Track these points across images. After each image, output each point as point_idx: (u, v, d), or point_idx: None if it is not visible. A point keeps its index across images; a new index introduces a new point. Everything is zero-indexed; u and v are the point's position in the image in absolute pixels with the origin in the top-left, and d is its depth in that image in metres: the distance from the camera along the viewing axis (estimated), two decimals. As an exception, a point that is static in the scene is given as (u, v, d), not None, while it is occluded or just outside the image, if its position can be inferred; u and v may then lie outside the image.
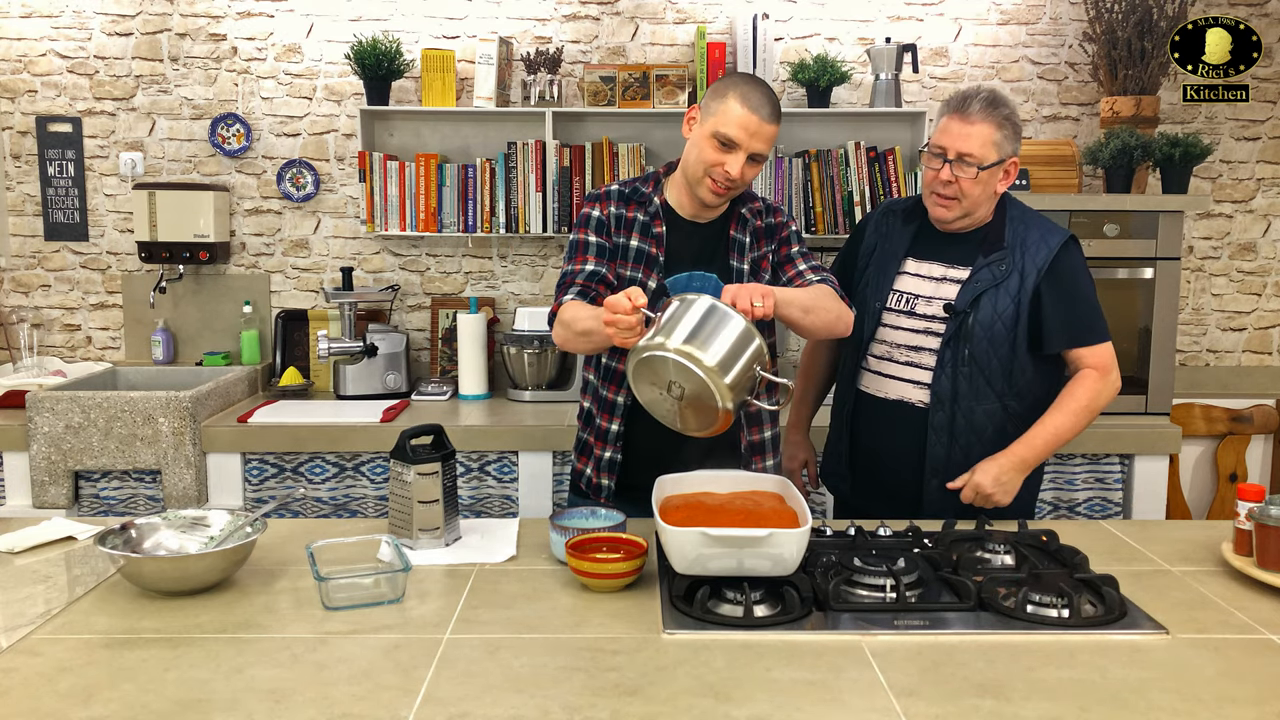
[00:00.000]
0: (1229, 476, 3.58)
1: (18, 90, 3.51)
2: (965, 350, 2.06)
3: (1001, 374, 2.08)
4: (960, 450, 2.09)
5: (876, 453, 2.19)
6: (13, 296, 3.60)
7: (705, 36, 3.36)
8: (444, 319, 3.57)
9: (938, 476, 2.10)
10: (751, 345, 1.66)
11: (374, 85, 3.35)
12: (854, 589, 1.61)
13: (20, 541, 1.83)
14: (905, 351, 2.14)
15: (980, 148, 2.01)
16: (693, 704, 1.26)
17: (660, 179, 2.14)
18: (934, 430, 2.09)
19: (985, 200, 2.08)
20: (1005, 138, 2.03)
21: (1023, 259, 2.08)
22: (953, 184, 2.03)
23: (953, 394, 2.08)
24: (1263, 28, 3.45)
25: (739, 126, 1.94)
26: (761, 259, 2.12)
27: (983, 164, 2.01)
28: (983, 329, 2.06)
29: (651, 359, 1.65)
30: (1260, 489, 1.71)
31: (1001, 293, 2.07)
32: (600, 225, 2.09)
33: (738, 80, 1.98)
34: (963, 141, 2.01)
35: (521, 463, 2.96)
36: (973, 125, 2.01)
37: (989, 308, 2.06)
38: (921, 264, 2.15)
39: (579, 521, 1.82)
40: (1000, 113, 2.03)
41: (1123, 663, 1.39)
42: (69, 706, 1.25)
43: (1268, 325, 3.66)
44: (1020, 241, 2.09)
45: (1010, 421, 2.10)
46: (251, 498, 2.98)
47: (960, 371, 2.07)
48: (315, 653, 1.40)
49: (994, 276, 2.07)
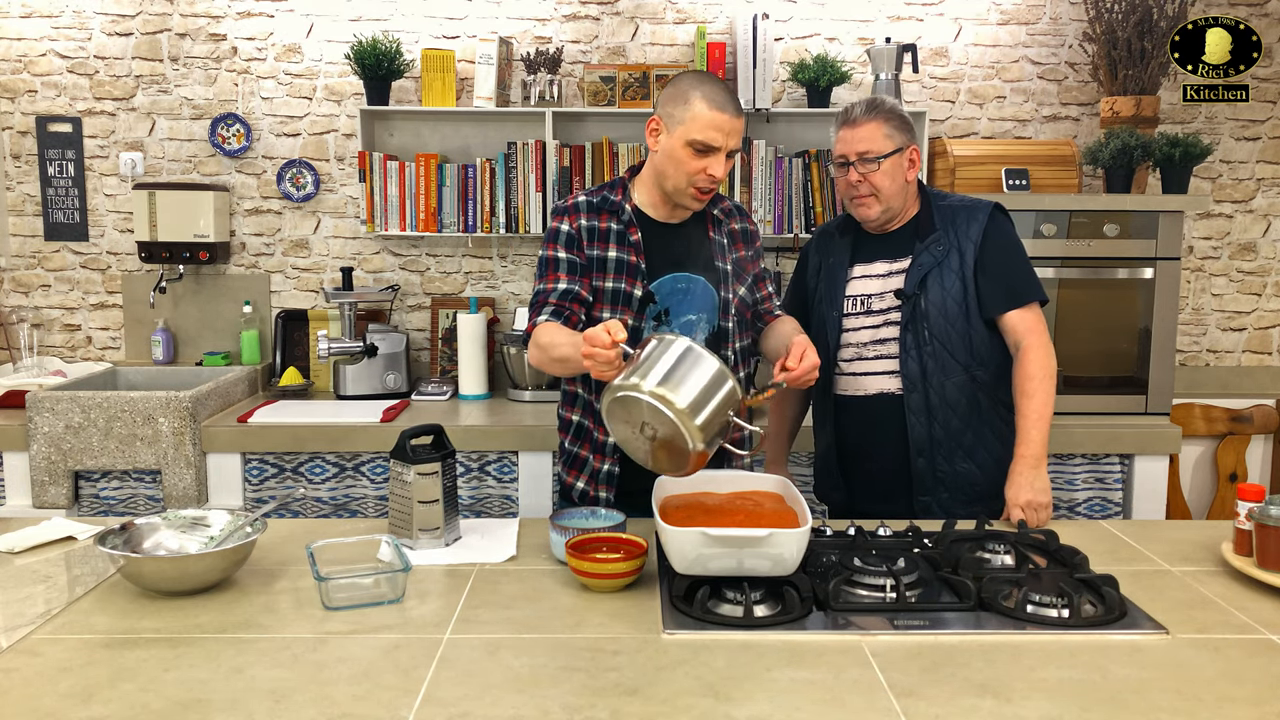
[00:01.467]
0: (1229, 476, 3.58)
1: (18, 90, 3.51)
2: (925, 330, 2.15)
3: (963, 347, 2.16)
4: (940, 426, 2.16)
5: (865, 449, 2.25)
6: (13, 296, 3.60)
7: (705, 36, 3.36)
8: (444, 319, 3.57)
9: (923, 456, 2.17)
10: (724, 388, 1.65)
11: (374, 85, 3.35)
12: (854, 589, 1.61)
13: (20, 541, 1.83)
14: (872, 347, 2.21)
15: (873, 143, 2.13)
16: (693, 704, 1.26)
17: (627, 184, 2.12)
18: (912, 412, 2.17)
19: (899, 190, 2.18)
20: (895, 129, 2.15)
21: (957, 236, 2.18)
22: (863, 182, 2.15)
23: (921, 373, 2.16)
24: (1263, 28, 3.45)
25: (713, 128, 1.93)
26: (745, 261, 2.13)
27: (881, 155, 2.13)
28: (935, 308, 2.15)
29: (626, 399, 1.65)
30: (1260, 489, 1.71)
31: (945, 271, 2.16)
32: (570, 240, 2.06)
33: (695, 82, 1.96)
34: (856, 144, 2.15)
35: (521, 463, 2.96)
36: (860, 128, 2.15)
37: (936, 287, 2.16)
38: (866, 266, 2.24)
39: (579, 521, 1.82)
40: (882, 110, 2.15)
41: (1123, 663, 1.39)
42: (69, 706, 1.25)
43: (1268, 325, 3.66)
44: (950, 221, 2.20)
45: (980, 390, 2.18)
46: (251, 498, 2.98)
47: (925, 351, 2.15)
48: (315, 653, 1.40)
49: (935, 258, 2.17)
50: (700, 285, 2.06)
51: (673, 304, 2.05)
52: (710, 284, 2.07)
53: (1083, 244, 3.08)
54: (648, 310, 2.04)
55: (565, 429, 2.18)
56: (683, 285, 2.05)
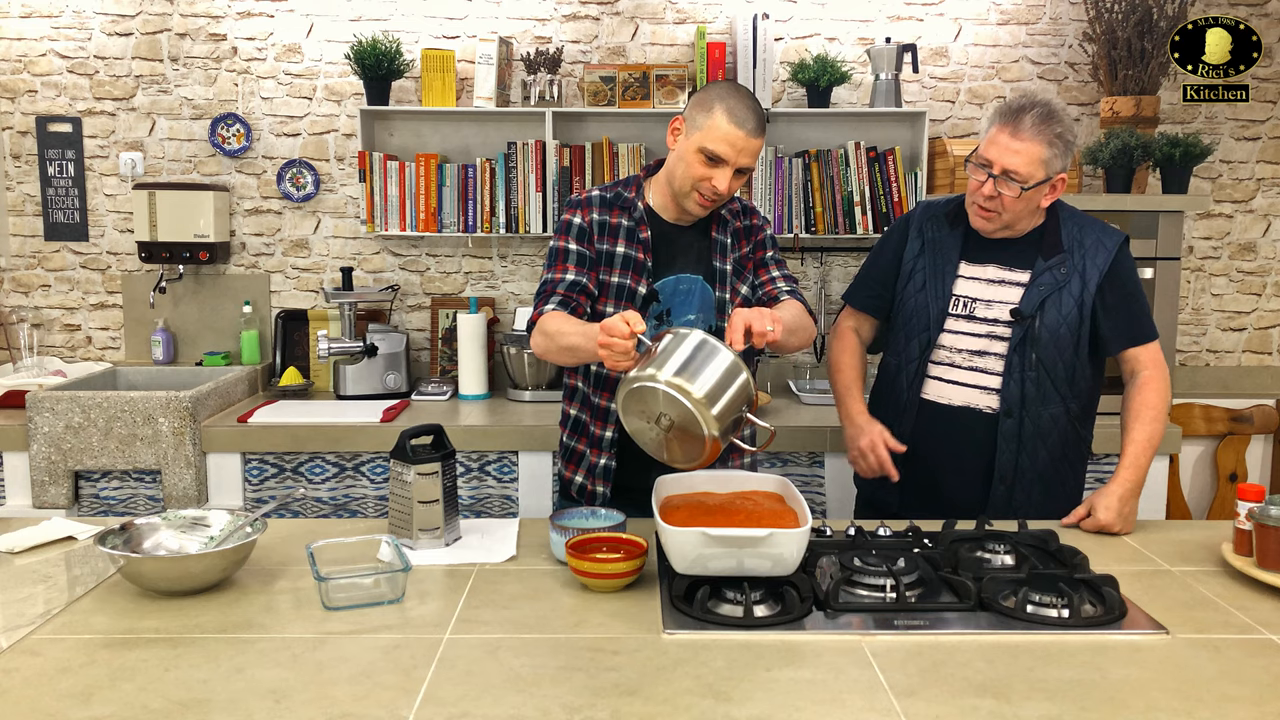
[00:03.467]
0: (1229, 476, 3.58)
1: (18, 90, 3.50)
2: (1032, 355, 2.03)
3: (1065, 377, 2.06)
4: (1027, 456, 2.07)
5: (938, 462, 2.12)
6: (13, 296, 3.60)
7: (705, 36, 3.36)
8: (444, 319, 3.57)
9: (1005, 484, 2.07)
10: (739, 379, 1.68)
11: (374, 85, 3.35)
12: (854, 589, 1.61)
13: (20, 541, 1.83)
14: (968, 356, 2.09)
15: (1027, 165, 1.94)
16: (693, 704, 1.26)
17: (641, 182, 2.12)
18: (1003, 438, 2.06)
19: (1027, 215, 2.04)
20: (1055, 155, 1.95)
21: (1083, 261, 2.04)
22: (995, 199, 1.98)
23: (1021, 399, 2.05)
24: (1263, 28, 3.45)
25: (726, 143, 1.92)
26: (744, 260, 2.12)
27: (1027, 183, 1.95)
28: (1049, 333, 2.03)
29: (642, 389, 1.67)
30: (1260, 489, 1.71)
31: (1064, 296, 2.03)
32: (582, 233, 2.06)
33: (723, 92, 1.95)
34: (1010, 157, 1.94)
35: (521, 463, 2.96)
36: (1022, 142, 1.94)
37: (1053, 311, 2.03)
38: (976, 267, 2.10)
39: (579, 521, 1.82)
40: (1052, 130, 1.94)
41: (1123, 663, 1.39)
42: (69, 706, 1.25)
43: (1268, 325, 3.66)
44: (1078, 243, 2.05)
45: (1071, 424, 2.09)
46: (251, 498, 2.98)
47: (1028, 376, 2.04)
48: (315, 653, 1.40)
49: (1056, 280, 2.04)
50: (700, 285, 2.06)
51: (674, 304, 2.05)
52: (708, 283, 2.07)
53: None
54: (650, 309, 2.04)
55: (564, 423, 2.19)
56: (685, 286, 2.06)
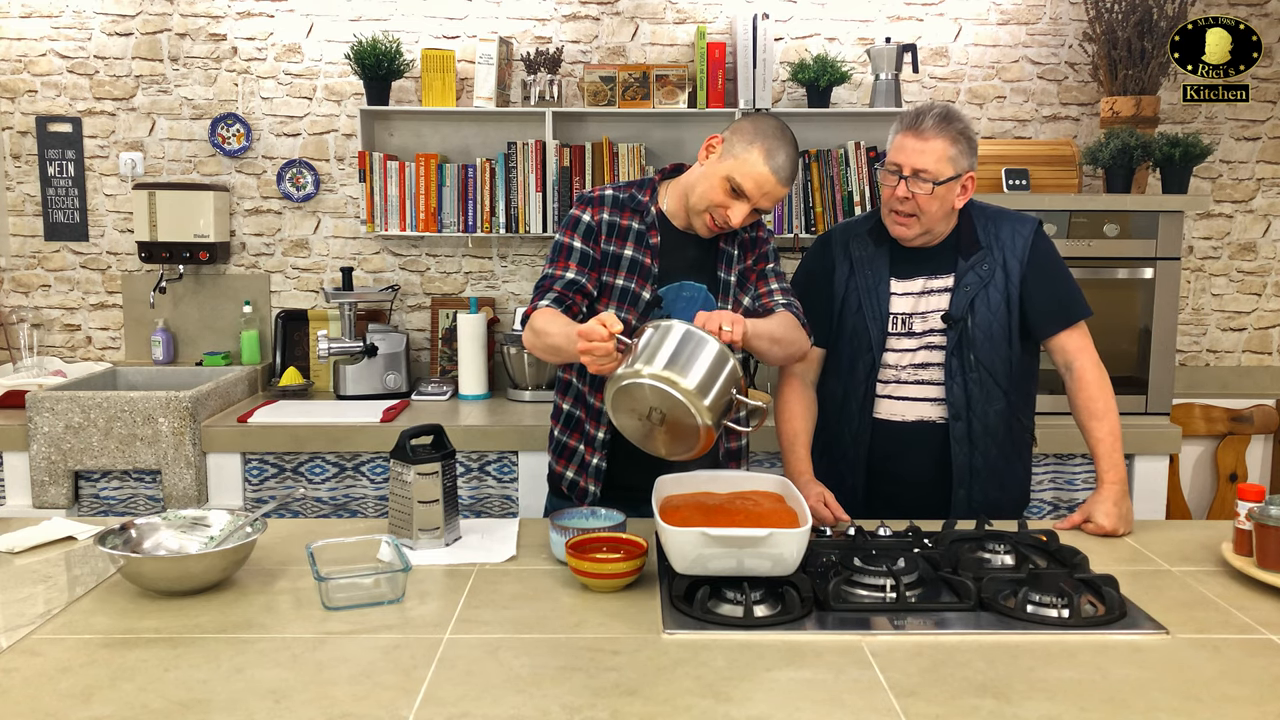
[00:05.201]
0: (1229, 476, 3.58)
1: (18, 90, 3.50)
2: (970, 356, 2.06)
3: (1004, 371, 2.09)
4: (981, 455, 2.09)
5: (900, 480, 2.14)
6: (13, 296, 3.60)
7: (705, 36, 3.35)
8: (444, 319, 3.57)
9: (964, 486, 2.09)
10: (727, 367, 1.68)
11: (374, 85, 3.35)
12: (854, 589, 1.61)
13: (20, 541, 1.83)
14: (913, 370, 2.11)
15: (935, 163, 1.98)
16: (693, 704, 1.26)
17: (656, 186, 2.10)
18: (956, 441, 2.08)
19: (943, 216, 2.05)
20: (960, 153, 2.00)
21: (1002, 254, 2.08)
22: (909, 200, 2.01)
23: (966, 401, 2.07)
24: (1263, 28, 3.44)
25: (754, 181, 1.91)
26: (748, 271, 2.10)
27: (938, 179, 1.99)
28: (981, 331, 2.06)
29: (630, 387, 1.66)
30: (1260, 489, 1.71)
31: (991, 291, 2.07)
32: (589, 231, 2.04)
33: (768, 131, 1.93)
34: (917, 158, 1.99)
35: (521, 463, 2.96)
36: (926, 141, 1.99)
37: (983, 309, 2.07)
38: (905, 283, 2.12)
39: (579, 521, 1.82)
40: (954, 128, 2.00)
41: (1123, 663, 1.39)
42: (69, 706, 1.25)
43: (1268, 325, 3.66)
44: (994, 238, 2.09)
45: (1015, 416, 2.12)
46: (251, 498, 2.98)
47: (970, 378, 2.06)
48: (315, 653, 1.40)
49: (980, 278, 2.07)
50: (703, 294, 2.06)
51: (676, 310, 2.04)
52: (711, 293, 2.07)
53: (1083, 244, 3.08)
54: (652, 314, 2.04)
55: (556, 417, 2.17)
56: (688, 294, 2.05)
